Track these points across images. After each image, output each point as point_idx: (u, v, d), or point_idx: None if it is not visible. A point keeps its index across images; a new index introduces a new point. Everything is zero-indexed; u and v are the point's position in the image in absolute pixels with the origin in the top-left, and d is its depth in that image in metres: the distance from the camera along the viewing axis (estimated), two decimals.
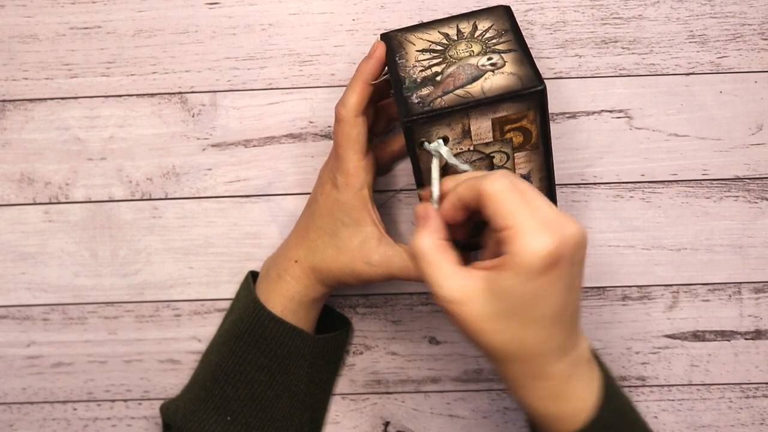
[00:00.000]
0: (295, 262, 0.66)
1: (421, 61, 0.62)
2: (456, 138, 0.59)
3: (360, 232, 0.64)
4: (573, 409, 0.55)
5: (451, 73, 0.60)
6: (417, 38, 0.64)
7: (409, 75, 0.61)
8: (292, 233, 0.69)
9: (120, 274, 0.74)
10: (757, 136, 0.71)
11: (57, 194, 0.73)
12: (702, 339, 0.73)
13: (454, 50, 0.62)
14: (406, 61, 0.62)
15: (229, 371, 0.67)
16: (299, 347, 0.67)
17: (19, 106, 0.72)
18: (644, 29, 0.70)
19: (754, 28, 0.70)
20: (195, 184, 0.73)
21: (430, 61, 0.61)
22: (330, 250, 0.65)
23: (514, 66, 0.59)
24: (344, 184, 0.64)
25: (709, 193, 0.72)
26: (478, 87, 0.58)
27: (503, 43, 0.61)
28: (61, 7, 0.71)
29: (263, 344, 0.66)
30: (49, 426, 0.75)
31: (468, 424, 0.75)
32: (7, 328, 0.74)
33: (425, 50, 0.63)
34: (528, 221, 0.51)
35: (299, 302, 0.67)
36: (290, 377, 0.67)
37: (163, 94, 0.72)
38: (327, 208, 0.65)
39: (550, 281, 0.51)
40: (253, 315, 0.67)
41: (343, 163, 0.64)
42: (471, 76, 0.59)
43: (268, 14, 0.71)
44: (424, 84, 0.60)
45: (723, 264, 0.72)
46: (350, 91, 0.63)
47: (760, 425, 0.74)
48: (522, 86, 0.58)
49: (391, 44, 0.64)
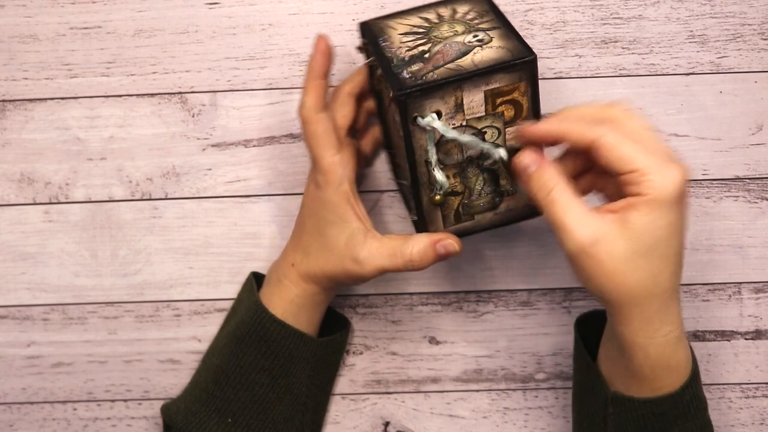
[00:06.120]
0: (292, 266, 0.66)
1: (405, 43, 0.61)
2: (449, 112, 0.59)
3: (346, 229, 0.64)
4: (680, 361, 0.58)
5: (439, 50, 0.60)
6: (398, 23, 0.64)
7: (396, 55, 0.60)
8: (291, 237, 0.69)
9: (120, 274, 0.74)
10: (757, 136, 0.71)
11: (57, 194, 0.73)
12: (702, 339, 0.73)
13: (437, 31, 0.61)
14: (390, 43, 0.62)
15: (230, 373, 0.67)
16: (301, 350, 0.67)
17: (19, 106, 0.72)
18: (644, 29, 0.70)
19: (754, 28, 0.70)
20: (195, 184, 0.73)
21: (415, 42, 0.61)
22: (321, 252, 0.65)
23: (501, 41, 0.59)
24: (324, 182, 0.63)
25: (709, 193, 0.72)
26: (468, 60, 0.58)
27: (486, 23, 0.61)
28: (61, 7, 0.71)
29: (265, 347, 0.66)
30: (49, 426, 0.75)
31: (468, 424, 0.75)
32: (7, 328, 0.74)
33: (408, 33, 0.62)
34: (652, 160, 0.54)
35: (300, 305, 0.67)
36: (292, 380, 0.67)
37: (163, 94, 0.72)
38: (313, 209, 0.65)
39: (681, 213, 0.54)
40: (255, 317, 0.66)
41: (318, 162, 0.63)
42: (460, 52, 0.59)
43: (268, 14, 0.71)
44: (412, 61, 0.59)
45: (723, 264, 0.72)
46: (305, 92, 0.63)
47: (760, 425, 0.74)
48: (513, 57, 0.58)
49: (372, 30, 0.63)
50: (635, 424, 0.60)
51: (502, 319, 0.74)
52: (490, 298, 0.73)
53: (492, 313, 0.74)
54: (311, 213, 0.65)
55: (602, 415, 0.62)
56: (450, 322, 0.74)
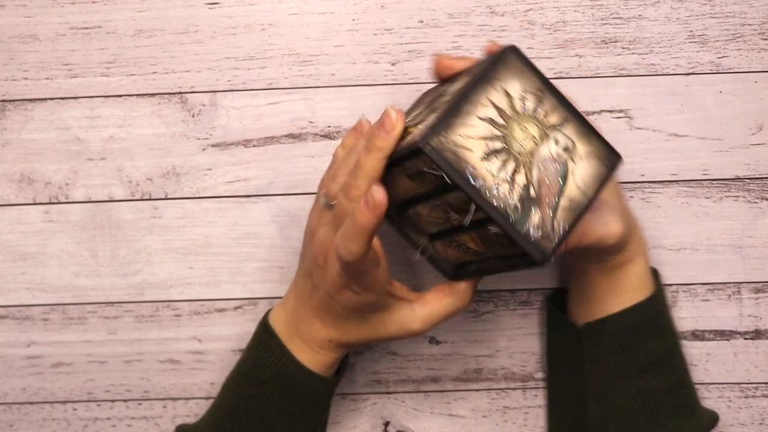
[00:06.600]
0: (330, 342, 0.63)
1: (497, 175, 0.53)
2: None
3: (391, 313, 0.61)
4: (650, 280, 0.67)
5: (539, 180, 0.54)
6: (465, 138, 0.53)
7: (501, 200, 0.53)
8: (310, 303, 0.62)
9: (120, 274, 0.74)
10: (757, 136, 0.71)
11: (57, 194, 0.73)
12: (701, 338, 0.73)
13: (514, 141, 0.54)
14: (483, 181, 0.53)
15: (250, 414, 0.64)
16: (322, 393, 0.65)
17: (19, 106, 0.72)
18: (644, 29, 0.70)
19: (754, 28, 0.70)
20: (195, 184, 0.73)
21: (505, 169, 0.53)
22: (364, 330, 0.61)
23: (583, 143, 0.55)
24: (365, 288, 0.58)
25: (709, 193, 0.72)
26: (573, 188, 0.54)
27: (552, 113, 0.55)
28: (61, 7, 0.71)
29: (287, 392, 0.64)
30: (49, 426, 0.75)
31: (468, 423, 0.75)
32: (7, 328, 0.74)
33: (488, 154, 0.53)
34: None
35: (331, 364, 0.64)
36: (310, 422, 0.65)
37: (163, 94, 0.72)
38: (351, 307, 0.60)
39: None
40: (280, 362, 0.63)
41: (361, 281, 0.57)
42: (559, 175, 0.54)
43: (268, 14, 0.71)
44: (525, 208, 0.53)
45: (723, 264, 0.73)
46: (355, 239, 0.54)
47: (760, 425, 0.74)
48: (607, 168, 0.55)
49: (448, 159, 0.52)
50: (608, 347, 0.65)
51: (502, 318, 0.74)
52: (490, 298, 0.74)
53: (492, 312, 0.74)
54: (348, 308, 0.60)
55: (578, 356, 0.67)
56: (450, 321, 0.73)
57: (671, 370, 0.67)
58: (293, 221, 0.72)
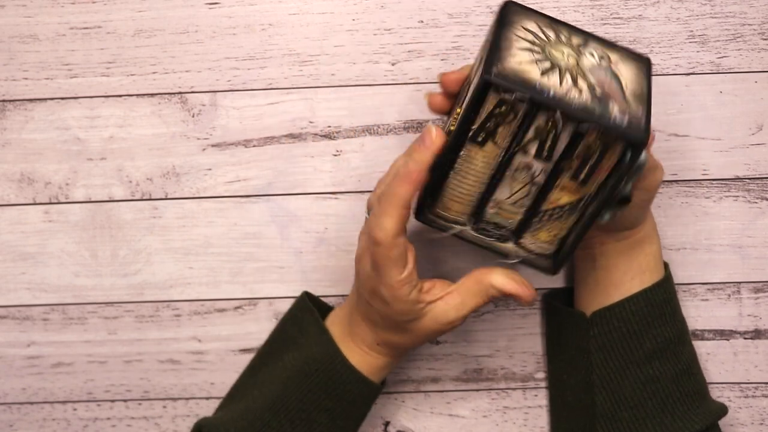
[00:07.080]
0: (378, 345, 0.65)
1: (562, 86, 0.55)
2: None
3: (427, 317, 0.62)
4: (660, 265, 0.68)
5: (599, 82, 0.56)
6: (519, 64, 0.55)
7: (580, 101, 0.55)
8: (357, 310, 0.65)
9: (120, 274, 0.74)
10: (757, 136, 0.71)
11: (57, 194, 0.73)
12: (701, 338, 0.73)
13: (560, 60, 0.56)
14: (554, 91, 0.54)
15: (291, 407, 0.65)
16: (365, 396, 0.66)
17: (19, 106, 0.72)
18: (644, 29, 0.70)
19: (754, 28, 0.70)
20: (195, 184, 0.73)
21: (565, 80, 0.55)
22: (407, 337, 0.64)
23: (612, 52, 0.58)
24: (392, 297, 0.60)
25: (709, 193, 0.72)
26: (629, 84, 0.56)
27: (573, 37, 0.58)
28: (61, 7, 0.71)
29: (332, 389, 0.65)
30: (49, 426, 0.75)
31: (468, 423, 0.75)
32: (7, 328, 0.74)
33: (544, 72, 0.55)
34: None
35: (380, 367, 0.66)
36: (349, 422, 0.67)
37: (163, 94, 0.72)
38: (387, 316, 0.62)
39: None
40: (328, 359, 0.65)
41: (385, 278, 0.60)
42: (611, 77, 0.56)
43: (268, 14, 0.71)
44: (603, 103, 0.55)
45: (722, 264, 0.73)
46: (386, 214, 0.58)
47: (760, 425, 0.74)
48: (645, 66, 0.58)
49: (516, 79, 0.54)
50: (617, 334, 0.66)
51: (502, 318, 0.74)
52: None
53: (492, 312, 0.74)
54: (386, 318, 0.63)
55: (585, 346, 0.67)
56: None
57: (677, 356, 0.67)
58: (293, 221, 0.72)
